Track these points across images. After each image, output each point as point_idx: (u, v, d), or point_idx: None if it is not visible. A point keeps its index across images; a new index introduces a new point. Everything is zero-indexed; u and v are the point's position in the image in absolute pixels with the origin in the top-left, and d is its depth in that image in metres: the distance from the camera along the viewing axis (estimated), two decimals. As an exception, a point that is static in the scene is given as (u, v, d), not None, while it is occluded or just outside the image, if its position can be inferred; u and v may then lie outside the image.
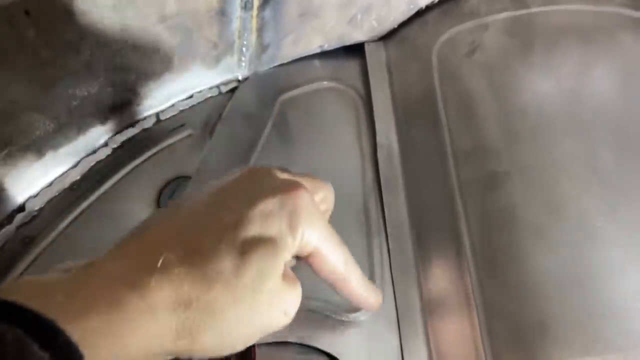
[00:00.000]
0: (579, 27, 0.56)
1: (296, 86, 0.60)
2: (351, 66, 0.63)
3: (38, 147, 0.47)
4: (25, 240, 0.47)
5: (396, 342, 0.46)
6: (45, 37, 0.42)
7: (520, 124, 0.52)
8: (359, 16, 0.60)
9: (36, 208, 0.48)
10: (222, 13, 0.51)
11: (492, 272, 0.47)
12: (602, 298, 0.44)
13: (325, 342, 0.45)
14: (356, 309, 0.47)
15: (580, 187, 0.48)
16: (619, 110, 0.52)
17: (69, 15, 0.42)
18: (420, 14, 0.62)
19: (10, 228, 0.47)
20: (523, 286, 0.45)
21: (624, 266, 0.45)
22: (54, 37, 0.43)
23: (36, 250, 0.46)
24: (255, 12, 0.53)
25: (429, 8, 0.62)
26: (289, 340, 0.45)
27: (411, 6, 0.61)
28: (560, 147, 0.50)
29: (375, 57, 0.62)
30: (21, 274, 0.46)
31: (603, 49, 0.55)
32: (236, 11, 0.52)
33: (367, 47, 0.63)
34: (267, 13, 0.54)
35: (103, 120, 0.51)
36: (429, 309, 0.48)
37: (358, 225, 0.52)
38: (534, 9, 0.57)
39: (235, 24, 0.54)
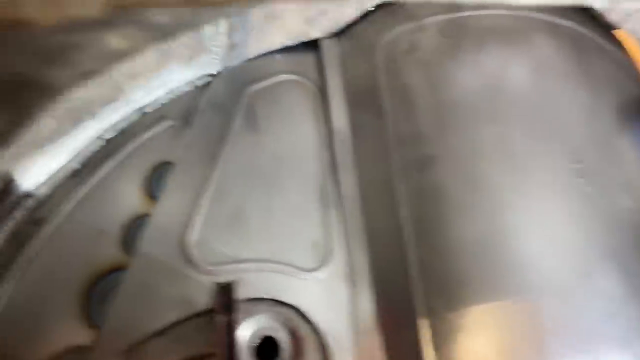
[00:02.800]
0: (502, 29, 0.66)
1: (261, 79, 0.69)
2: (309, 60, 0.71)
3: (43, 144, 0.55)
4: (37, 222, 0.55)
5: (350, 293, 0.57)
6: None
7: (450, 113, 0.62)
8: (316, 17, 0.68)
9: (44, 193, 0.57)
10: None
11: (425, 237, 0.58)
12: (511, 256, 0.56)
13: (292, 296, 0.56)
14: (315, 269, 0.58)
15: (495, 168, 0.59)
16: (531, 102, 0.63)
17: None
18: (368, 14, 0.71)
19: (22, 212, 0.55)
20: (449, 248, 0.57)
21: (530, 231, 0.57)
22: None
23: (47, 230, 0.55)
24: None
25: (376, 8, 0.71)
26: (264, 296, 0.55)
27: (359, 11, 0.69)
28: (481, 133, 0.61)
29: (330, 52, 0.71)
30: (36, 254, 0.54)
31: (519, 49, 0.65)
32: (209, 18, 0.60)
33: (322, 43, 0.71)
34: (236, 18, 0.62)
35: (96, 116, 0.59)
36: (375, 266, 0.59)
37: (318, 199, 0.63)
38: (466, 13, 0.67)
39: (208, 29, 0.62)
